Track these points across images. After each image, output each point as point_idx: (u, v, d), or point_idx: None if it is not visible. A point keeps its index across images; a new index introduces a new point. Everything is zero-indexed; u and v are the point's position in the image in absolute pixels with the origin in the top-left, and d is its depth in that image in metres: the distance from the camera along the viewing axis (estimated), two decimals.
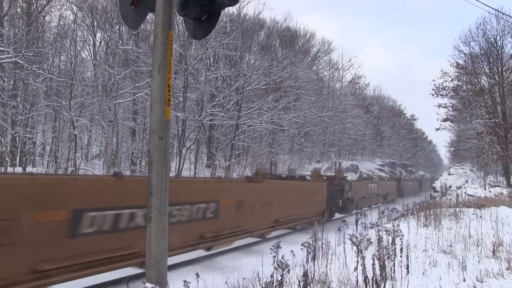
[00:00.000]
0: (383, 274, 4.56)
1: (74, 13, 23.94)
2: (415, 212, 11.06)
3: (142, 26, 21.51)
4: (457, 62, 28.20)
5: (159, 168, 3.04)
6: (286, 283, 4.45)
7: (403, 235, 5.64)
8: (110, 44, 22.06)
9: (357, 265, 4.42)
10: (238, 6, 25.14)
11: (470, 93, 27.66)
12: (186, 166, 22.84)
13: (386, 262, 4.72)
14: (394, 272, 4.94)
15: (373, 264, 4.49)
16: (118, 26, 21.12)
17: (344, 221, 7.68)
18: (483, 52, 27.01)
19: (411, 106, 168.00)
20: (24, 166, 17.82)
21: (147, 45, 23.27)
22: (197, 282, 4.10)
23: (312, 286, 4.46)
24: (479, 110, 26.68)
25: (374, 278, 4.38)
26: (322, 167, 16.87)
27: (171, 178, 10.38)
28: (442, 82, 28.60)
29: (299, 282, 4.23)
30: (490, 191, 20.19)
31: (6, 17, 20.98)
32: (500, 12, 24.06)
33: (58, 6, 23.14)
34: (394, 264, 5.03)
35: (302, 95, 30.27)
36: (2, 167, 16.55)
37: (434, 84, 28.98)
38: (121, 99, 21.12)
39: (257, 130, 27.90)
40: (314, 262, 5.41)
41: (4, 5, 21.04)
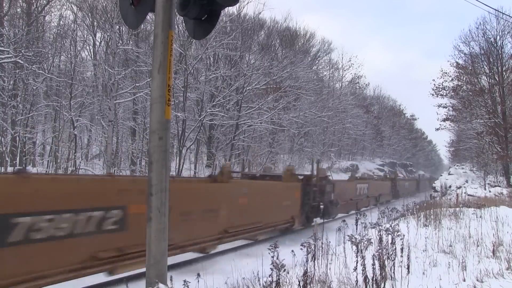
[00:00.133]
0: (383, 274, 4.56)
1: (74, 13, 23.98)
2: (415, 212, 11.05)
3: (142, 26, 21.51)
4: (457, 62, 28.24)
5: (159, 168, 3.06)
6: (286, 283, 4.45)
7: (403, 235, 5.64)
8: (110, 44, 22.07)
9: (356, 265, 4.42)
10: (238, 6, 25.18)
11: (470, 93, 27.67)
12: (186, 166, 22.85)
13: (386, 262, 4.72)
14: (394, 272, 4.94)
15: (373, 264, 4.49)
16: (118, 26, 21.13)
17: (344, 221, 7.63)
18: (483, 52, 27.04)
19: (411, 106, 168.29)
20: (24, 166, 17.81)
21: (147, 45, 23.27)
22: (197, 282, 4.10)
23: (312, 286, 4.46)
24: (479, 110, 26.67)
25: (374, 278, 4.38)
26: (317, 167, 14.96)
27: (41, 175, 8.73)
28: (442, 82, 28.63)
29: (299, 282, 4.23)
30: (490, 191, 20.18)
31: (6, 17, 20.97)
32: (500, 12, 24.14)
33: (58, 6, 23.16)
34: (394, 264, 5.03)
35: (302, 95, 30.27)
36: (2, 167, 16.55)
37: (434, 84, 29.01)
38: (121, 99, 21.12)
39: (257, 130, 27.90)
40: (314, 262, 5.41)
41: (4, 5, 21.03)
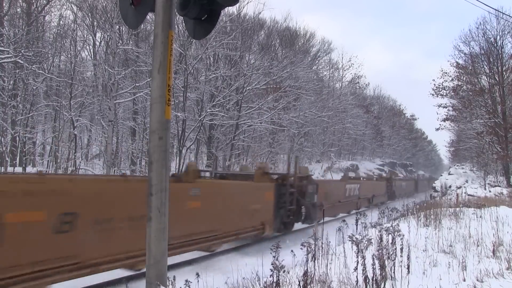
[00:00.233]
0: (383, 273, 4.56)
1: (74, 13, 23.98)
2: (415, 212, 11.06)
3: (142, 26, 21.51)
4: (457, 62, 28.24)
5: (159, 168, 3.05)
6: (286, 283, 4.45)
7: (403, 235, 5.64)
8: (110, 44, 22.06)
9: (357, 265, 4.42)
10: (238, 6, 25.16)
11: (470, 93, 27.67)
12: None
13: (386, 262, 4.72)
14: (394, 272, 4.94)
15: (373, 263, 4.49)
16: (118, 26, 21.13)
17: (344, 220, 7.64)
18: (483, 52, 27.04)
19: (411, 106, 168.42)
20: (24, 166, 17.82)
21: (147, 45, 23.27)
22: (197, 282, 4.10)
23: (312, 286, 4.46)
24: (479, 110, 26.68)
25: (374, 278, 4.38)
26: (295, 164, 12.86)
27: None
28: (442, 82, 28.63)
29: (299, 282, 4.22)
30: (490, 191, 20.18)
31: (6, 17, 20.98)
32: (500, 12, 24.13)
33: (58, 6, 23.16)
34: (394, 264, 5.03)
35: (302, 95, 30.27)
36: (2, 167, 16.55)
37: (434, 84, 29.00)
38: (121, 99, 21.13)
39: (257, 130, 27.91)
40: (314, 262, 5.40)
41: (4, 5, 21.03)
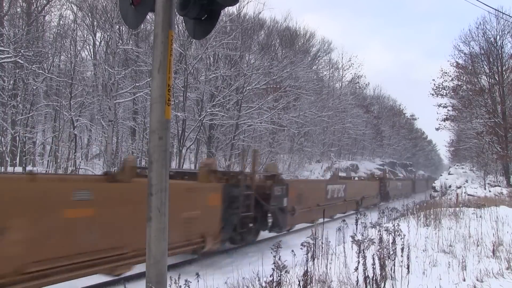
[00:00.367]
0: (383, 273, 4.56)
1: (74, 12, 23.95)
2: (415, 212, 11.06)
3: (142, 25, 21.50)
4: (457, 62, 28.24)
5: (159, 167, 3.05)
6: (286, 283, 4.45)
7: (404, 235, 5.64)
8: (110, 43, 22.06)
9: (358, 264, 4.42)
10: (238, 6, 25.16)
11: (470, 92, 27.67)
12: (186, 165, 22.86)
13: (386, 262, 4.72)
14: (394, 271, 4.94)
15: (373, 263, 4.49)
16: (118, 26, 21.13)
17: (344, 220, 7.63)
18: (483, 51, 27.04)
19: (411, 106, 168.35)
20: (24, 165, 17.82)
21: (147, 44, 23.28)
22: (197, 282, 4.10)
23: (312, 285, 4.46)
24: (479, 110, 26.68)
25: (374, 278, 4.38)
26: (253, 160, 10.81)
27: None
28: (442, 82, 28.67)
29: (299, 281, 4.22)
30: (490, 191, 20.18)
31: (6, 16, 20.97)
32: (500, 12, 24.14)
33: (58, 6, 23.14)
34: (394, 263, 5.03)
35: (302, 95, 30.28)
36: (2, 167, 16.55)
37: (434, 83, 29.05)
38: (121, 99, 21.13)
39: (257, 129, 27.90)
40: (314, 261, 5.40)
41: (4, 4, 21.03)
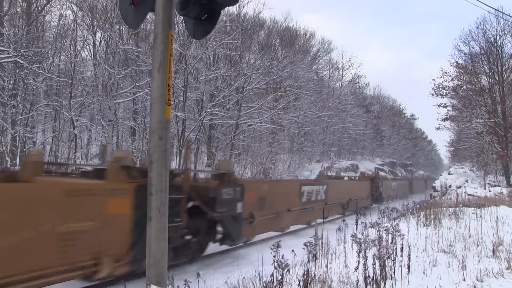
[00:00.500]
0: (384, 273, 4.56)
1: (74, 12, 23.95)
2: (415, 211, 11.07)
3: (142, 25, 21.50)
4: (457, 62, 28.24)
5: (159, 167, 3.05)
6: (286, 283, 4.45)
7: (404, 235, 5.65)
8: (110, 43, 22.05)
9: (358, 264, 4.42)
10: (238, 5, 25.18)
11: (470, 92, 27.66)
12: None
13: (386, 262, 4.72)
14: (394, 271, 4.94)
15: (373, 263, 4.49)
16: (118, 26, 21.12)
17: (344, 220, 7.63)
18: (483, 51, 27.04)
19: (411, 106, 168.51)
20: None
21: (147, 44, 23.28)
22: (197, 282, 4.10)
23: (312, 285, 4.46)
24: (479, 110, 26.67)
25: (374, 278, 4.38)
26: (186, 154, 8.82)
27: None
28: (442, 82, 28.66)
29: (299, 281, 4.22)
30: (490, 191, 20.19)
31: (6, 16, 20.96)
32: (500, 11, 24.12)
33: (58, 6, 23.12)
34: (394, 263, 5.03)
35: (302, 95, 30.27)
36: (2, 167, 16.54)
37: (434, 83, 29.04)
38: (121, 99, 21.12)
39: (257, 129, 27.89)
40: (315, 261, 5.41)
41: (4, 4, 21.02)
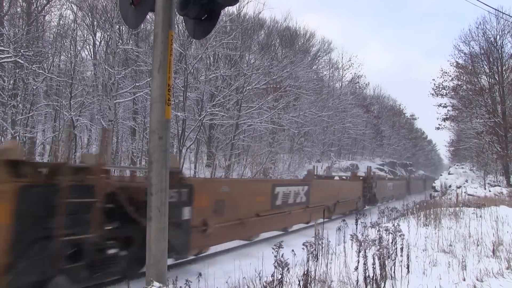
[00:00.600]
0: (383, 273, 4.56)
1: (74, 12, 23.93)
2: (415, 211, 11.07)
3: (142, 25, 21.50)
4: (457, 62, 28.25)
5: (159, 167, 3.05)
6: (286, 283, 4.45)
7: (404, 235, 5.64)
8: (110, 43, 22.04)
9: (358, 264, 4.42)
10: (238, 5, 25.17)
11: (470, 92, 27.66)
12: (186, 165, 22.84)
13: (386, 262, 4.72)
14: (394, 271, 4.94)
15: (373, 263, 4.49)
16: (118, 26, 21.11)
17: (344, 220, 7.61)
18: (483, 51, 27.05)
19: (411, 106, 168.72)
20: None
21: (147, 44, 23.27)
22: (198, 281, 4.10)
23: (312, 285, 4.46)
24: (479, 110, 26.67)
25: (374, 278, 4.38)
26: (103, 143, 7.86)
27: None
28: (442, 82, 28.67)
29: (299, 281, 4.22)
30: (490, 191, 20.18)
31: (6, 16, 20.95)
32: (500, 11, 24.18)
33: (58, 6, 23.09)
34: (394, 263, 5.03)
35: (302, 95, 30.28)
36: None
37: (434, 83, 29.05)
38: (121, 99, 21.11)
39: (257, 129, 27.89)
40: (315, 261, 5.40)
41: (4, 4, 21.02)
